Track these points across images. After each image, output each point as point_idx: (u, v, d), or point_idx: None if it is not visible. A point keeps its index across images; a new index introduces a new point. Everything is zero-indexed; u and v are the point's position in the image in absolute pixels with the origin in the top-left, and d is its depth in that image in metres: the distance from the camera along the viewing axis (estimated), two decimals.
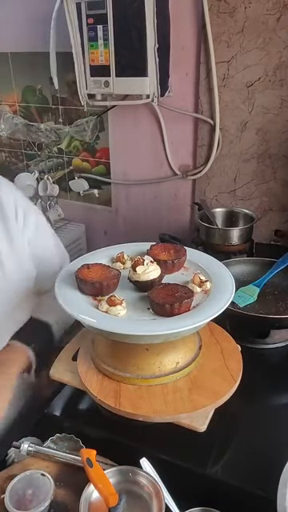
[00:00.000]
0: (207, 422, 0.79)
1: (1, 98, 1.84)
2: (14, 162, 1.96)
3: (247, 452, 0.81)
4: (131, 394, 0.81)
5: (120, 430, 0.81)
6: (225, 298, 0.80)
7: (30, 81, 1.75)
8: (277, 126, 1.38)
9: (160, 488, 0.69)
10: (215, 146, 1.47)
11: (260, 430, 0.85)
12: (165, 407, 0.78)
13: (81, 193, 1.83)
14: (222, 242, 1.36)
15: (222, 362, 0.88)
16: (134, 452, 0.76)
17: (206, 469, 0.78)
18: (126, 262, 0.92)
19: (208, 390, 0.82)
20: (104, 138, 1.70)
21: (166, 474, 0.72)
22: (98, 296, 0.82)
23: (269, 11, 1.26)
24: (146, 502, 0.69)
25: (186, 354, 0.87)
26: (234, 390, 0.82)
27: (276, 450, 0.76)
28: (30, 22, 1.62)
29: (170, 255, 0.93)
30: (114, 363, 0.85)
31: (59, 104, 1.73)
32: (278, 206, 1.47)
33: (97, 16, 1.29)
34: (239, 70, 1.36)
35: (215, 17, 1.32)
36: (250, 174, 1.47)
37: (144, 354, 0.83)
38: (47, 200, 1.80)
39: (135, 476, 0.71)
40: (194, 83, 1.46)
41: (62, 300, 0.80)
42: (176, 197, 1.66)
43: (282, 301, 1.11)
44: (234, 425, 0.87)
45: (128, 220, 1.81)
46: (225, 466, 0.78)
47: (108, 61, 1.33)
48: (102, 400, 0.81)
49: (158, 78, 1.35)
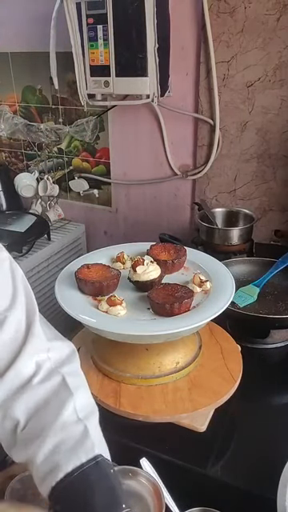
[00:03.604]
0: (207, 422, 0.79)
1: (1, 98, 1.84)
2: (14, 162, 1.96)
3: (247, 452, 0.81)
4: (131, 394, 0.81)
5: (120, 430, 0.81)
6: (225, 298, 0.80)
7: (29, 81, 1.75)
8: (277, 126, 1.38)
9: (160, 488, 0.69)
10: (215, 146, 1.47)
11: (260, 430, 0.85)
12: (165, 407, 0.79)
13: (81, 193, 1.83)
14: (222, 242, 1.36)
15: (221, 362, 0.88)
16: (134, 452, 0.76)
17: (206, 469, 0.78)
18: (126, 261, 0.93)
19: (208, 390, 0.82)
20: (104, 138, 1.70)
21: (165, 474, 0.72)
22: (98, 296, 0.82)
23: (269, 11, 1.26)
24: (146, 502, 0.69)
25: (185, 354, 0.87)
26: (233, 390, 0.83)
27: (276, 450, 0.76)
28: (30, 22, 1.62)
29: (170, 255, 0.93)
30: (114, 363, 0.86)
31: (59, 104, 1.73)
32: (278, 206, 1.47)
33: (97, 16, 1.29)
34: (239, 69, 1.36)
35: (215, 17, 1.32)
36: (250, 174, 1.47)
37: (144, 354, 0.83)
38: (47, 200, 1.80)
39: (135, 476, 0.71)
40: (194, 83, 1.46)
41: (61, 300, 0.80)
42: (176, 197, 1.66)
43: (282, 301, 1.11)
44: (233, 425, 0.87)
45: (128, 220, 1.81)
46: (225, 466, 0.78)
47: (108, 61, 1.33)
48: (102, 400, 0.81)
49: (158, 78, 1.35)
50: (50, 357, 0.65)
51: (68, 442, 0.57)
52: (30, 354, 0.62)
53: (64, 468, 0.55)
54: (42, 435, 0.57)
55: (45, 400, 0.60)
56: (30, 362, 0.62)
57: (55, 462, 0.55)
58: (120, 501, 0.55)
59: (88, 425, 0.59)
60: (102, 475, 0.56)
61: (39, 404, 0.60)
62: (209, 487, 0.77)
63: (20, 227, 1.64)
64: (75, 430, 0.58)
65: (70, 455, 0.56)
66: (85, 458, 0.55)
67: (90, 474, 0.55)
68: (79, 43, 1.35)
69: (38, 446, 0.57)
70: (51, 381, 0.62)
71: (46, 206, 1.80)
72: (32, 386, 0.61)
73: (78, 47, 1.36)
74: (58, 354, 0.66)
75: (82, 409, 0.60)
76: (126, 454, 0.75)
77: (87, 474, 0.55)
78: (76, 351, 0.69)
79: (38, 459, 0.56)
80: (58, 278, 0.87)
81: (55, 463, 0.55)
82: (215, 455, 0.80)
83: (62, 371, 0.64)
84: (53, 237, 1.73)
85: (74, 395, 0.61)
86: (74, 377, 0.64)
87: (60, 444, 0.57)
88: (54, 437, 0.57)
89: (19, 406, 0.60)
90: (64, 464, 0.55)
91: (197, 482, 0.78)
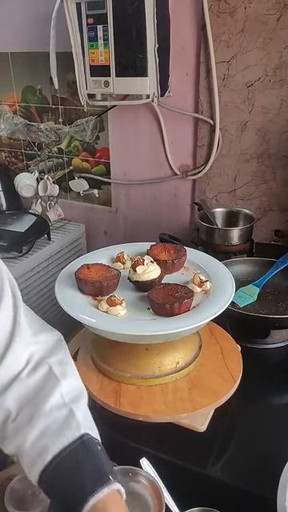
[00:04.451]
0: (207, 422, 0.79)
1: (1, 98, 1.84)
2: (14, 162, 1.96)
3: (247, 452, 0.81)
4: (131, 394, 0.81)
5: (120, 430, 0.81)
6: (225, 298, 0.80)
7: (29, 81, 1.75)
8: (277, 126, 1.38)
9: (160, 488, 0.69)
10: (215, 146, 1.47)
11: (260, 430, 0.85)
12: (165, 407, 0.79)
13: (81, 193, 1.83)
14: (222, 241, 1.36)
15: (221, 362, 0.88)
16: (134, 452, 0.76)
17: (206, 469, 0.78)
18: (126, 261, 0.93)
19: (208, 390, 0.82)
20: (104, 138, 1.70)
21: (165, 474, 0.72)
22: (98, 296, 0.82)
23: (269, 11, 1.26)
24: (146, 502, 0.69)
25: (185, 354, 0.87)
26: (233, 390, 0.83)
27: (276, 450, 0.76)
28: (30, 22, 1.62)
29: (170, 255, 0.93)
30: (114, 363, 0.86)
31: (59, 104, 1.73)
32: (278, 206, 1.47)
33: (97, 16, 1.29)
34: (239, 70, 1.36)
35: (215, 17, 1.32)
36: (249, 174, 1.47)
37: (144, 354, 0.83)
38: (47, 200, 1.80)
39: (135, 476, 0.71)
40: (194, 83, 1.46)
41: (61, 300, 0.80)
42: (176, 197, 1.66)
43: (282, 301, 1.11)
44: (233, 425, 0.87)
45: (128, 220, 1.81)
46: (225, 466, 0.78)
47: (108, 61, 1.33)
48: (102, 400, 0.81)
49: (158, 78, 1.35)
50: (37, 349, 0.67)
51: (54, 426, 0.59)
52: (17, 351, 0.64)
53: (52, 450, 0.56)
54: (30, 423, 0.59)
55: (34, 390, 0.62)
56: (19, 358, 0.64)
57: (43, 445, 0.57)
58: (108, 476, 0.56)
59: (73, 407, 0.61)
60: (89, 453, 0.57)
61: (29, 394, 0.62)
62: (209, 487, 0.77)
63: (20, 227, 1.64)
64: (61, 413, 0.60)
65: (57, 437, 0.57)
66: (72, 438, 0.57)
67: (77, 454, 0.57)
68: (79, 43, 1.35)
69: (26, 433, 0.58)
70: (39, 372, 0.64)
71: (46, 206, 1.80)
72: (21, 380, 0.63)
73: (78, 47, 1.36)
74: (45, 345, 0.68)
75: (69, 393, 0.62)
76: (126, 454, 0.75)
77: (74, 454, 0.56)
78: (63, 339, 0.72)
79: (27, 445, 0.58)
80: (58, 278, 0.87)
81: (43, 447, 0.57)
82: (215, 455, 0.80)
83: (49, 361, 0.66)
84: (53, 237, 1.73)
85: (61, 382, 0.63)
86: (60, 365, 0.66)
87: (47, 428, 0.58)
88: (42, 422, 0.59)
89: (10, 398, 0.61)
90: (51, 446, 0.57)
91: (197, 481, 0.78)
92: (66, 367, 0.67)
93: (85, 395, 0.65)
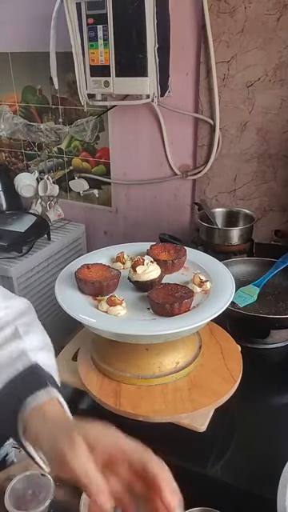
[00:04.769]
0: (207, 422, 0.79)
1: (1, 98, 1.84)
2: (14, 162, 1.96)
3: (247, 452, 0.81)
4: (131, 394, 0.81)
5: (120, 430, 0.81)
6: (225, 298, 0.80)
7: (29, 81, 1.75)
8: (277, 126, 1.38)
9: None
10: (215, 146, 1.47)
11: (260, 430, 0.85)
12: (165, 407, 0.78)
13: (81, 193, 1.83)
14: (222, 241, 1.36)
15: (221, 362, 0.88)
16: None
17: (206, 469, 0.78)
18: (126, 261, 0.92)
19: (208, 390, 0.82)
20: (104, 138, 1.70)
21: None
22: (98, 296, 0.82)
23: (269, 11, 1.26)
24: None
25: (185, 354, 0.87)
26: (233, 390, 0.82)
27: (276, 450, 0.76)
28: (30, 22, 1.62)
29: (170, 255, 0.93)
30: (114, 363, 0.85)
31: (59, 104, 1.73)
32: (278, 206, 1.47)
33: (97, 16, 1.29)
34: (239, 69, 1.36)
35: (215, 17, 1.32)
36: (250, 174, 1.47)
37: (144, 354, 0.83)
38: (47, 200, 1.80)
39: None
40: (194, 83, 1.46)
41: (61, 300, 0.80)
42: (176, 197, 1.66)
43: (282, 301, 1.11)
44: (233, 425, 0.87)
45: (128, 220, 1.81)
46: (225, 466, 0.78)
47: (108, 61, 1.33)
48: (102, 400, 0.81)
49: (158, 78, 1.35)
50: (5, 314, 0.69)
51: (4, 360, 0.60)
52: None
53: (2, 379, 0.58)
54: None
55: None
56: None
57: None
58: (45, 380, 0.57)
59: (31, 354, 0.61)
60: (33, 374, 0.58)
61: None
62: (209, 487, 0.77)
63: (20, 227, 1.64)
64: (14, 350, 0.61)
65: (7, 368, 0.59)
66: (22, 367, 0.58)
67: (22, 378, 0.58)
68: (79, 43, 1.35)
69: None
70: (4, 332, 0.66)
71: (46, 206, 1.80)
72: None
73: (78, 47, 1.36)
74: (15, 309, 0.70)
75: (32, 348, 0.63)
76: None
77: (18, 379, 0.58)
78: (32, 307, 0.74)
79: None
80: (58, 278, 0.87)
81: None
82: (215, 455, 0.80)
83: (15, 323, 0.67)
84: (53, 237, 1.73)
85: (24, 339, 0.64)
86: (26, 326, 0.67)
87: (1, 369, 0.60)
88: None
89: None
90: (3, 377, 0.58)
91: (197, 482, 0.78)
92: (31, 328, 0.68)
93: (49, 348, 0.66)
